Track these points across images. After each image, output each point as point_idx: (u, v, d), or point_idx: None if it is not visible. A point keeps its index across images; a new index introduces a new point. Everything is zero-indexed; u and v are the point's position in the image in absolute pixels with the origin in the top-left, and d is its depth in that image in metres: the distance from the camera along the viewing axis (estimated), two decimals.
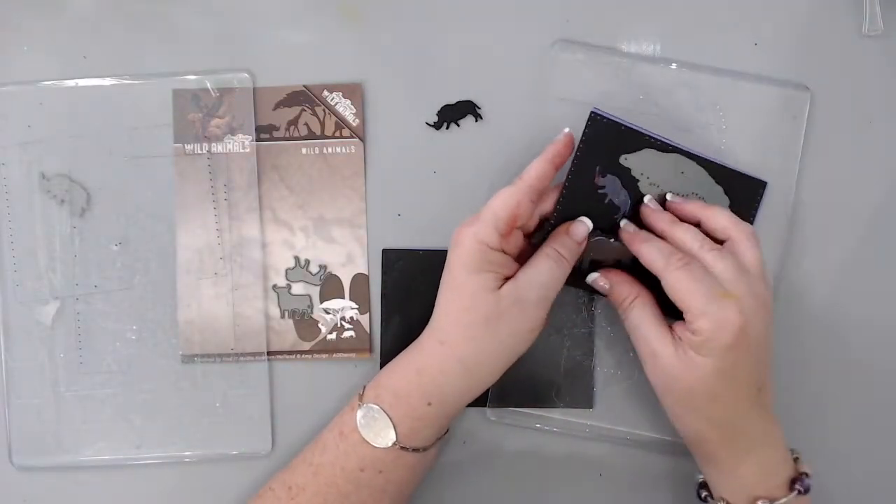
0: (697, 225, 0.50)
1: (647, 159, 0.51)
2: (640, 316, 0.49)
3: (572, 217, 0.51)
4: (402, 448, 0.47)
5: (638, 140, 0.51)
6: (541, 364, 0.55)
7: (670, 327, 0.48)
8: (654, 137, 0.51)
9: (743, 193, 0.52)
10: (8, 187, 0.55)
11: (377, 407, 0.47)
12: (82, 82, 0.56)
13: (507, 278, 0.48)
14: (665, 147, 0.51)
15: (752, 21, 0.56)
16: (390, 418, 0.47)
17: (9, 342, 0.55)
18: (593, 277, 0.51)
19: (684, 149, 0.51)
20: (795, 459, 0.49)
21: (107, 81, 0.56)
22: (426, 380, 0.47)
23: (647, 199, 0.51)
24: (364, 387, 0.50)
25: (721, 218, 0.49)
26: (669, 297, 0.47)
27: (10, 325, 0.55)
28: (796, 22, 0.56)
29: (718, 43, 0.56)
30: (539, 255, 0.49)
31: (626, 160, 0.51)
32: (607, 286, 0.51)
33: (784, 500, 0.47)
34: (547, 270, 0.48)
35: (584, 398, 0.55)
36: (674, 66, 0.55)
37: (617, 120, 0.50)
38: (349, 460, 0.47)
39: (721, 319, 0.45)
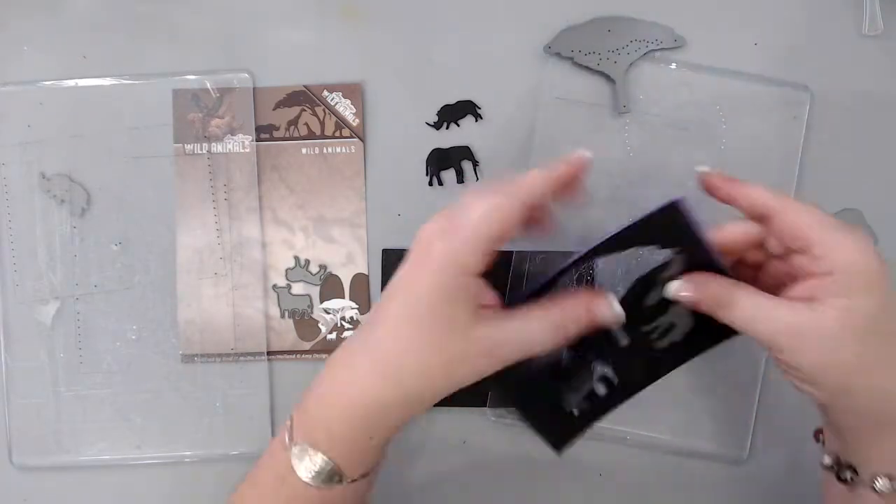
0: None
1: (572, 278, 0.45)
2: (755, 303, 0.40)
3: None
4: (350, 482, 0.42)
5: (550, 285, 0.43)
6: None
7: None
8: (562, 269, 0.42)
9: (667, 230, 0.41)
10: (8, 187, 0.55)
11: (313, 450, 0.42)
12: (82, 82, 0.56)
13: (482, 306, 0.41)
14: (580, 261, 0.42)
15: (752, 21, 0.56)
16: (331, 459, 0.41)
17: (9, 342, 0.55)
18: (675, 289, 0.41)
19: (594, 246, 0.41)
20: None
21: (107, 81, 0.56)
22: (367, 416, 0.41)
23: (700, 168, 0.43)
24: (291, 417, 0.43)
25: (804, 219, 0.39)
26: (784, 237, 0.39)
27: (10, 325, 0.55)
28: (796, 22, 0.56)
29: (718, 43, 0.56)
30: (539, 317, 0.41)
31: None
32: (693, 294, 0.41)
33: None
34: (539, 338, 0.40)
35: None
36: (674, 66, 0.55)
37: (522, 293, 0.44)
38: None
39: (858, 244, 0.38)
